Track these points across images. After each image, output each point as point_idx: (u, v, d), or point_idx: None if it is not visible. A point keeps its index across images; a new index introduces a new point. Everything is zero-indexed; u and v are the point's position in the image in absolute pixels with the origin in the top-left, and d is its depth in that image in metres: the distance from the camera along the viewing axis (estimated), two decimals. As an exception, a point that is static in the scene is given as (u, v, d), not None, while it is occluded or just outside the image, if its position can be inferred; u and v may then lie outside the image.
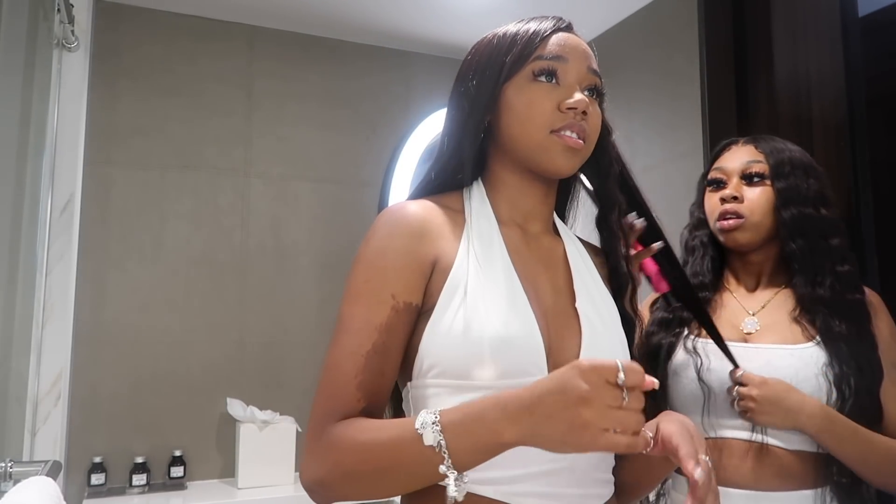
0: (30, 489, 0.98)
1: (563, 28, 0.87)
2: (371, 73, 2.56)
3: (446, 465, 0.66)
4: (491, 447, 0.67)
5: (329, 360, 0.79)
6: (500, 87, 0.85)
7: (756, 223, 1.23)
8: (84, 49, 2.02)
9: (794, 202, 1.22)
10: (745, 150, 1.29)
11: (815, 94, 1.70)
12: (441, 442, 0.66)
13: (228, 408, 2.14)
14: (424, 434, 0.67)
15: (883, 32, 1.70)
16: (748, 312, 1.24)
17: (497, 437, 0.66)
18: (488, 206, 0.88)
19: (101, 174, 2.18)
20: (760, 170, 1.25)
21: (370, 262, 0.80)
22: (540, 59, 0.84)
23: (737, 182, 1.26)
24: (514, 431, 0.65)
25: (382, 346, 0.77)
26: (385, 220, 0.83)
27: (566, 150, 0.82)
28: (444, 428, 0.67)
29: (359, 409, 0.76)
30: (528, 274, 0.84)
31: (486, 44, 0.89)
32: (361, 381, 0.76)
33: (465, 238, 0.84)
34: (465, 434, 0.67)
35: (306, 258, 2.40)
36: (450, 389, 0.77)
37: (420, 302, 0.80)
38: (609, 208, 0.93)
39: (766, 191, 1.24)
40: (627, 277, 0.92)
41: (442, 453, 0.66)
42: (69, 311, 1.95)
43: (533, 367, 0.77)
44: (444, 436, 0.67)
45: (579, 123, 0.82)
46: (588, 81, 0.85)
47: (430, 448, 0.67)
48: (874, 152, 1.62)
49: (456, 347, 0.76)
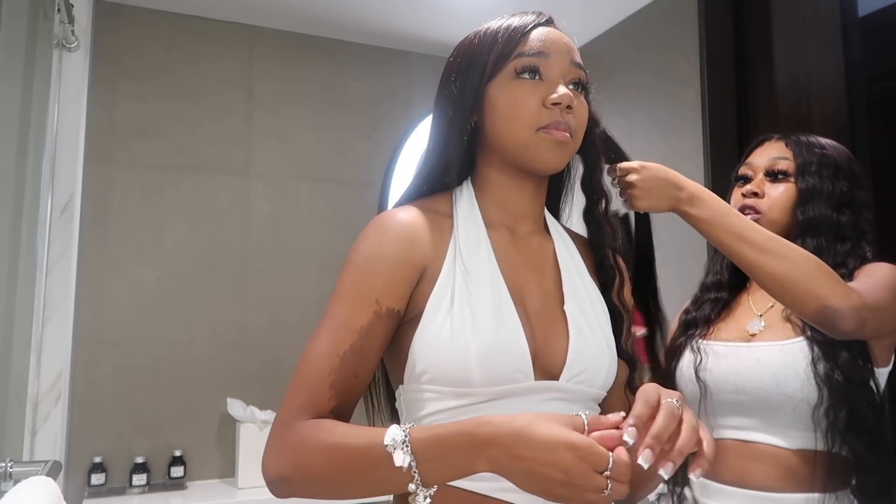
0: (30, 489, 0.98)
1: (544, 23, 0.87)
2: (371, 73, 2.56)
3: (415, 483, 0.66)
4: (461, 472, 0.67)
5: (306, 355, 0.79)
6: (484, 86, 0.84)
7: (773, 220, 1.21)
8: (84, 49, 2.02)
9: (815, 202, 1.19)
10: (775, 147, 1.27)
11: (815, 95, 1.70)
12: (412, 463, 0.66)
13: (228, 408, 2.14)
14: (395, 454, 0.66)
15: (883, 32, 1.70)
16: (756, 313, 1.24)
17: (468, 467, 0.66)
18: (476, 209, 0.87)
19: (101, 174, 2.18)
20: (785, 167, 1.23)
21: (358, 266, 0.81)
22: (522, 56, 0.83)
23: (761, 178, 1.25)
24: (489, 467, 0.65)
25: (360, 348, 0.78)
26: (375, 227, 0.83)
27: (554, 146, 0.82)
28: (415, 449, 0.66)
29: (329, 409, 0.76)
30: (515, 278, 0.84)
31: (468, 44, 0.88)
32: (335, 380, 0.76)
33: (451, 244, 0.83)
34: (437, 458, 0.66)
35: (306, 258, 2.40)
36: (441, 394, 0.78)
37: (404, 308, 0.80)
38: (596, 201, 0.92)
39: (790, 188, 1.22)
40: (614, 271, 0.91)
41: (412, 473, 0.66)
42: (69, 311, 1.95)
43: (519, 373, 0.78)
44: (414, 457, 0.66)
45: (565, 119, 0.82)
46: (572, 75, 0.85)
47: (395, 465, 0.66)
48: (874, 152, 1.62)
49: (444, 355, 0.77)
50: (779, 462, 1.13)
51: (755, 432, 1.15)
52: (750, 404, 1.15)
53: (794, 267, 0.99)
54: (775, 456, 1.13)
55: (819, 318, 1.01)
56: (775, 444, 1.13)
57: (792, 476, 1.12)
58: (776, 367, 1.13)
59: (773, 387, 1.13)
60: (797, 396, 1.12)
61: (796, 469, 1.12)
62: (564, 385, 0.80)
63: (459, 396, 0.77)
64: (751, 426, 1.16)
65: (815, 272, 1.00)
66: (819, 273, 1.00)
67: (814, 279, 0.99)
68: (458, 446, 0.65)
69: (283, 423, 0.75)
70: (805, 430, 1.13)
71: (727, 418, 1.17)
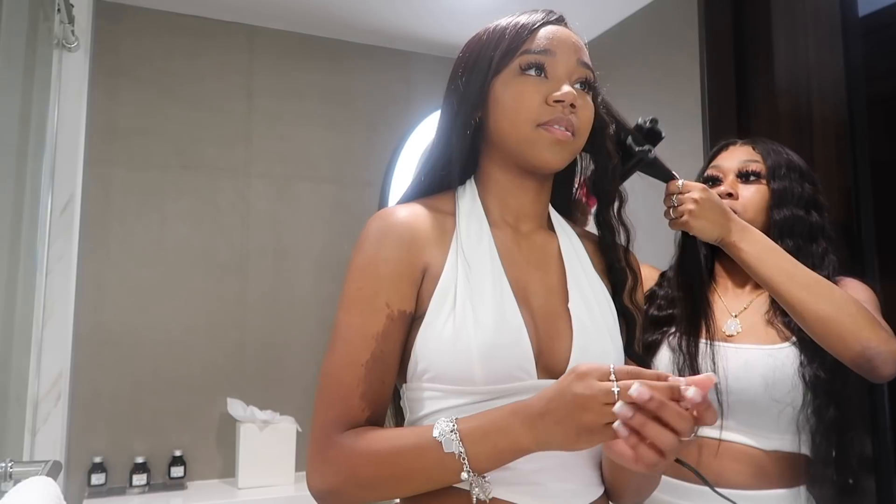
0: (30, 489, 0.98)
1: (553, 21, 0.86)
2: (371, 72, 2.56)
3: (467, 471, 0.69)
4: (508, 453, 0.70)
5: (328, 368, 0.79)
6: (489, 82, 0.84)
7: (749, 220, 1.22)
8: (84, 49, 2.01)
9: (788, 203, 1.22)
10: (743, 150, 1.30)
11: (815, 94, 1.70)
12: (461, 450, 0.69)
13: (228, 408, 2.14)
14: (444, 442, 0.70)
15: (883, 32, 1.70)
16: (731, 314, 1.25)
17: (515, 444, 0.69)
18: (479, 207, 0.87)
19: (101, 174, 2.18)
20: (757, 168, 1.26)
21: (362, 271, 0.81)
22: (527, 52, 0.83)
23: (732, 180, 1.27)
24: (530, 437, 0.68)
25: (380, 355, 0.78)
26: (375, 228, 0.83)
27: (554, 144, 0.81)
28: (463, 437, 0.70)
29: (364, 419, 0.77)
30: (518, 276, 0.84)
31: (476, 40, 0.88)
32: (364, 391, 0.77)
33: (454, 242, 0.83)
34: (484, 441, 0.70)
35: (306, 258, 2.40)
36: (443, 393, 0.78)
37: (413, 309, 0.81)
38: (608, 203, 0.92)
39: (762, 190, 1.25)
40: (626, 273, 0.91)
41: (461, 460, 0.69)
42: (69, 311, 1.95)
43: (522, 371, 0.77)
44: (463, 444, 0.69)
45: (567, 117, 0.81)
46: (578, 74, 0.84)
47: (450, 455, 0.70)
48: (874, 152, 1.62)
49: (446, 354, 0.77)
50: (752, 461, 1.15)
51: (732, 432, 1.17)
52: (732, 405, 1.17)
53: (838, 308, 1.00)
54: (749, 455, 1.15)
55: (860, 361, 1.01)
56: (751, 445, 1.15)
57: (765, 474, 1.15)
58: (766, 371, 1.14)
59: (761, 390, 1.15)
60: (784, 401, 1.14)
61: (769, 468, 1.15)
62: None
63: (461, 395, 0.77)
64: (728, 426, 1.17)
65: (857, 315, 1.00)
66: (862, 316, 1.01)
67: (857, 322, 1.00)
68: (500, 425, 0.69)
69: (322, 439, 0.77)
70: (784, 433, 1.16)
71: None
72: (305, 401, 0.74)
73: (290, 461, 2.14)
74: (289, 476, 2.12)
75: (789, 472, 1.15)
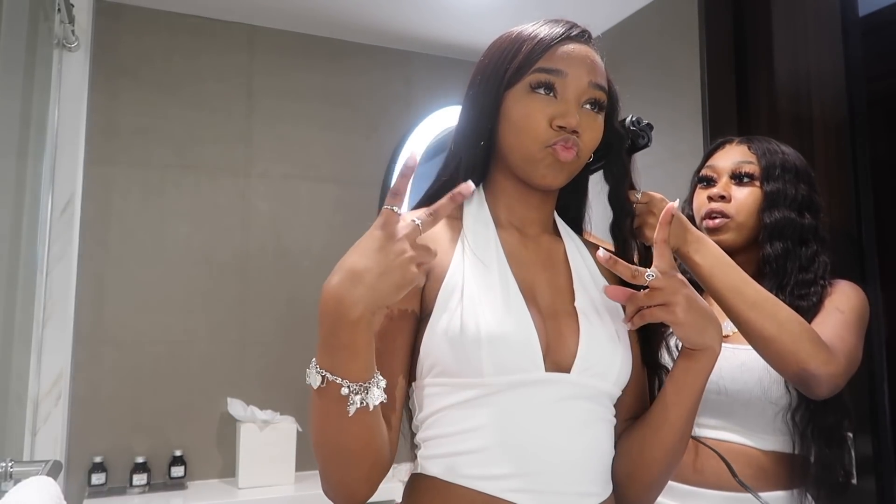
0: (30, 489, 0.98)
1: (574, 36, 0.86)
2: (371, 72, 2.56)
3: (341, 382, 0.67)
4: (346, 345, 0.67)
5: None
6: (502, 94, 0.85)
7: (741, 223, 1.24)
8: (84, 49, 2.02)
9: (780, 206, 1.22)
10: (738, 150, 1.29)
11: (815, 94, 1.70)
12: (323, 373, 0.68)
13: (228, 408, 2.14)
14: (311, 379, 0.69)
15: (883, 32, 1.70)
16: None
17: (347, 338, 0.67)
18: (486, 211, 0.89)
19: (101, 174, 2.18)
20: (751, 170, 1.25)
21: None
22: (539, 71, 0.83)
23: (726, 181, 1.27)
24: (353, 324, 0.66)
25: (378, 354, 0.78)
26: None
27: (554, 165, 0.83)
28: (318, 362, 0.69)
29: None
30: (525, 275, 0.85)
31: (497, 47, 0.89)
32: None
33: (459, 244, 0.85)
34: (324, 348, 0.68)
35: (306, 258, 2.40)
36: (449, 388, 0.78)
37: (417, 308, 0.82)
38: (623, 216, 0.93)
39: (755, 192, 1.24)
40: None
41: (335, 380, 0.67)
42: (69, 311, 1.95)
43: (529, 363, 0.78)
44: (319, 367, 0.68)
45: (572, 138, 0.82)
46: (588, 96, 0.85)
47: (321, 387, 0.68)
48: (874, 152, 1.62)
49: (453, 346, 0.77)
50: (750, 461, 1.15)
51: (730, 433, 1.17)
52: (729, 405, 1.17)
53: (780, 328, 1.01)
54: (748, 456, 1.16)
55: (797, 380, 1.04)
56: (749, 445, 1.16)
57: (764, 475, 1.15)
58: (761, 373, 1.15)
59: (757, 392, 1.15)
60: (780, 403, 1.14)
61: (768, 468, 1.15)
62: (576, 378, 0.80)
63: (470, 388, 0.77)
64: (725, 426, 1.18)
65: (799, 335, 1.02)
66: (803, 337, 1.02)
67: (798, 343, 1.01)
68: (328, 310, 0.67)
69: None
70: (782, 434, 1.16)
71: (703, 417, 1.18)
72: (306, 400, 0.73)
73: (290, 461, 2.14)
74: (289, 476, 2.12)
75: (788, 473, 1.16)
